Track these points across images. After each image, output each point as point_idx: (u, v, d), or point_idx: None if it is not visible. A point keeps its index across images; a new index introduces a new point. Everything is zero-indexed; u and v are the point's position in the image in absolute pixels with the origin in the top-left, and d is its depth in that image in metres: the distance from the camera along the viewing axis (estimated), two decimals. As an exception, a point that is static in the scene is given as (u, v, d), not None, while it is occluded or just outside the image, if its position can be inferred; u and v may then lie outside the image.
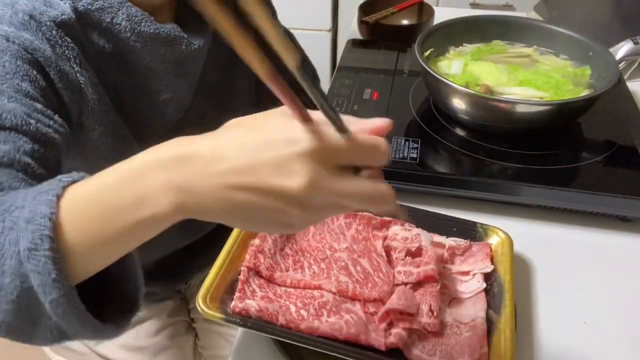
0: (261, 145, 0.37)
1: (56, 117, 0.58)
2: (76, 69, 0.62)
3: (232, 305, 0.55)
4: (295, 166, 0.36)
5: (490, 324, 0.58)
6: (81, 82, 0.62)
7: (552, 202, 0.76)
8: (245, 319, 0.54)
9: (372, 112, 0.87)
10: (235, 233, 0.62)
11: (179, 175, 0.38)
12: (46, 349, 0.97)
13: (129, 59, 0.68)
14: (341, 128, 0.38)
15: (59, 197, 0.40)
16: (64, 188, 0.41)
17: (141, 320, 0.93)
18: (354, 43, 1.11)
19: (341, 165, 0.38)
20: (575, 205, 0.75)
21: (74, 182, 0.42)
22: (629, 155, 0.79)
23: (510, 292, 0.60)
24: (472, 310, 0.60)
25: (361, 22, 1.18)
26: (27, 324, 0.43)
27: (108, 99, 0.67)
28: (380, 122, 0.41)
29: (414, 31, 1.11)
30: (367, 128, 0.40)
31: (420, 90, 0.93)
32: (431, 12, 1.20)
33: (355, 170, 0.40)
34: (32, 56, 0.57)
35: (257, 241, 0.62)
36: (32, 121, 0.54)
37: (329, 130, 0.38)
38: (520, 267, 0.70)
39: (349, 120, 0.40)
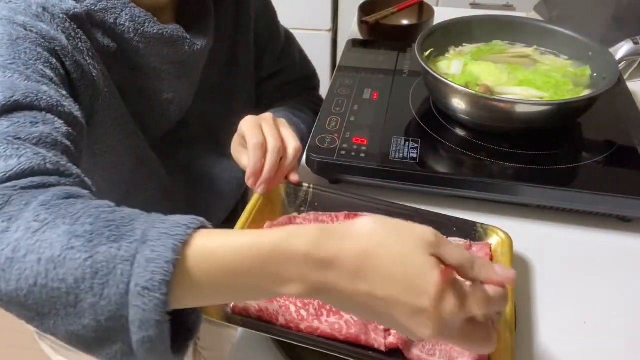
0: (402, 285, 0.39)
1: (71, 100, 0.58)
2: (89, 61, 0.62)
3: (232, 305, 0.55)
4: (424, 320, 0.39)
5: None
6: (94, 74, 0.63)
7: (552, 202, 0.76)
8: (245, 319, 0.54)
9: (372, 112, 0.87)
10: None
11: (318, 277, 0.40)
12: (46, 349, 0.97)
13: (133, 59, 0.68)
14: (473, 278, 0.41)
15: (185, 243, 0.40)
16: (189, 235, 0.40)
17: None
18: (354, 43, 1.11)
19: (465, 313, 0.40)
20: (575, 205, 0.75)
21: (201, 226, 0.42)
22: (629, 155, 0.79)
23: (511, 293, 0.60)
24: None
25: (361, 22, 1.18)
26: (97, 343, 0.42)
27: (118, 94, 0.68)
28: (506, 275, 0.42)
29: (414, 31, 1.11)
30: (494, 280, 0.42)
31: (420, 90, 0.93)
32: (431, 12, 1.20)
33: None
34: (50, 45, 0.58)
35: None
36: (65, 103, 0.54)
37: (461, 282, 0.40)
38: (520, 267, 0.70)
39: (477, 264, 0.42)
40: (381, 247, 0.40)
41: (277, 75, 0.95)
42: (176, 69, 0.73)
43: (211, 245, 0.40)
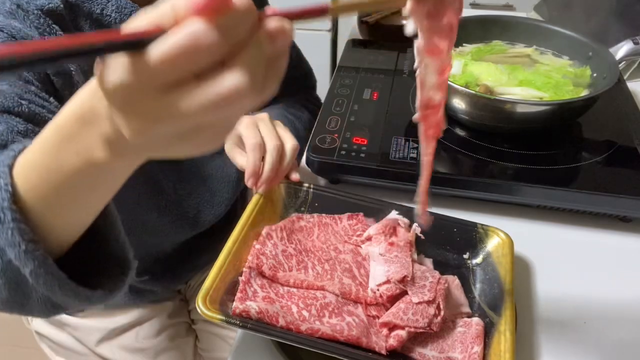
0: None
1: (51, 99, 0.59)
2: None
3: (232, 307, 0.55)
4: (117, 121, 0.32)
5: (490, 325, 0.58)
6: (71, 69, 0.63)
7: (552, 202, 0.76)
8: (245, 321, 0.53)
9: (372, 112, 0.87)
10: (234, 234, 0.62)
11: (90, 135, 0.36)
12: (46, 350, 0.97)
13: None
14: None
15: (10, 167, 0.40)
16: (15, 157, 0.40)
17: (141, 322, 0.93)
18: (354, 43, 1.11)
19: (170, 81, 0.29)
20: (575, 205, 0.75)
21: (24, 149, 0.41)
22: (629, 155, 0.79)
23: (511, 293, 0.60)
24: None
25: (361, 22, 1.18)
26: (20, 296, 0.43)
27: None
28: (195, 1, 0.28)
29: (414, 31, 1.11)
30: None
31: (420, 90, 0.92)
32: (431, 12, 1.20)
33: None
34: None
35: (257, 245, 0.62)
36: (23, 102, 0.54)
37: (119, 60, 0.30)
38: (520, 267, 0.69)
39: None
40: None
41: None
42: None
43: (26, 154, 0.40)
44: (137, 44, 0.28)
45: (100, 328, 0.91)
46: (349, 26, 1.28)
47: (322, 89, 1.01)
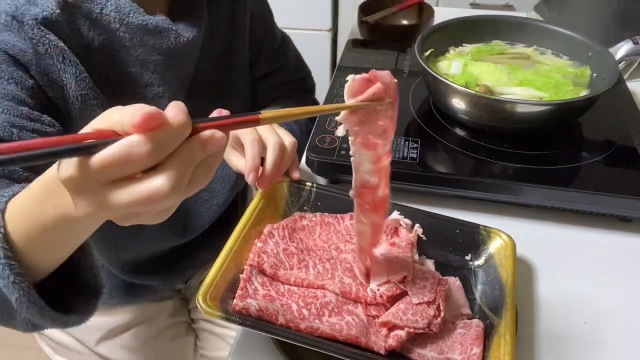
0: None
1: (44, 117, 0.61)
2: (59, 66, 0.63)
3: (232, 304, 0.55)
4: (74, 200, 0.39)
5: (490, 327, 0.58)
6: (64, 79, 0.64)
7: (552, 202, 0.76)
8: (244, 318, 0.54)
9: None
10: (236, 232, 0.62)
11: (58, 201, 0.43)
12: (46, 349, 0.97)
13: (119, 51, 0.69)
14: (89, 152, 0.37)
15: (2, 211, 0.46)
16: (6, 202, 0.47)
17: (142, 321, 0.93)
18: (354, 43, 1.11)
19: (108, 180, 0.37)
20: (575, 205, 0.75)
21: (13, 195, 0.48)
22: (629, 155, 0.79)
23: (512, 295, 0.60)
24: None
25: (361, 22, 1.18)
26: (6, 315, 0.51)
27: (99, 92, 0.68)
28: (132, 119, 0.36)
29: (414, 31, 1.11)
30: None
31: (420, 90, 0.93)
32: (431, 12, 1.20)
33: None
34: (14, 58, 0.60)
35: (259, 243, 0.62)
36: (14, 130, 0.58)
37: (69, 163, 0.37)
38: (519, 267, 0.69)
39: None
40: None
41: (272, 76, 0.95)
42: (164, 61, 0.72)
43: (16, 201, 0.47)
44: (86, 149, 0.36)
45: (100, 328, 0.91)
46: (349, 26, 1.28)
47: (322, 89, 1.01)
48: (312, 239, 0.66)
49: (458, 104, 0.81)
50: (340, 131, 0.51)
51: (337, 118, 0.50)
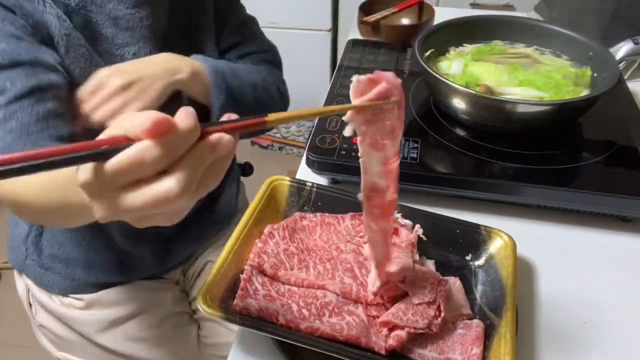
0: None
1: (44, 47, 0.67)
2: (41, 8, 0.68)
3: (233, 304, 0.55)
4: (92, 204, 0.41)
5: (491, 327, 0.58)
6: (47, 19, 0.69)
7: (552, 202, 0.76)
8: (245, 318, 0.54)
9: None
10: (236, 232, 0.62)
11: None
12: (48, 345, 0.96)
13: (92, 10, 0.73)
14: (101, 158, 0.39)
15: None
16: None
17: (143, 311, 0.93)
18: (354, 43, 1.11)
19: (123, 184, 0.39)
20: (575, 205, 0.75)
21: None
22: (629, 155, 0.79)
23: (512, 295, 0.60)
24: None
25: (361, 22, 1.18)
26: None
27: (88, 45, 0.73)
28: (142, 124, 0.38)
29: (414, 31, 1.11)
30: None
31: (420, 90, 0.93)
32: (431, 12, 1.20)
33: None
34: (1, 4, 0.65)
35: (259, 244, 0.62)
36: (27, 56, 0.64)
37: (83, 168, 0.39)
38: (519, 266, 0.69)
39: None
40: None
41: (238, 46, 0.95)
42: (133, 16, 0.76)
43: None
44: (101, 155, 0.38)
45: (101, 320, 0.91)
46: (349, 26, 1.28)
47: (322, 89, 1.01)
48: (313, 239, 0.66)
49: (458, 104, 0.81)
50: (347, 131, 0.51)
51: (344, 118, 0.50)
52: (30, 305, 0.95)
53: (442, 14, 1.10)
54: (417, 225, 0.67)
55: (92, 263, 0.87)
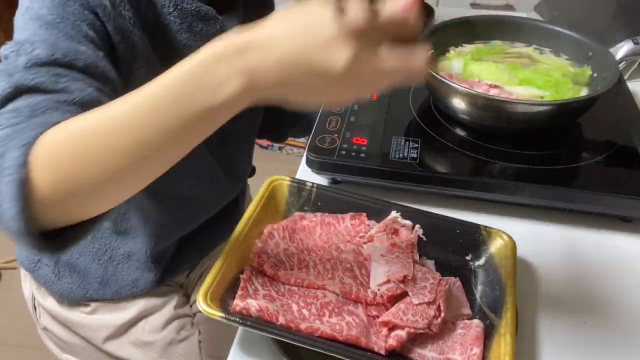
0: (308, 30, 0.42)
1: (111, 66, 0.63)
2: (131, 28, 0.66)
3: (233, 304, 0.55)
4: (337, 48, 0.41)
5: (490, 327, 0.58)
6: (134, 39, 0.67)
7: (552, 202, 0.76)
8: (245, 318, 0.54)
9: (372, 112, 0.87)
10: (236, 232, 0.62)
11: (242, 62, 0.43)
12: (53, 348, 0.96)
13: (167, 33, 0.72)
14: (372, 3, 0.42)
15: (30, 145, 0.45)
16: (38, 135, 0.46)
17: (147, 314, 0.93)
18: (354, 43, 1.11)
19: (378, 40, 0.41)
20: (575, 205, 0.75)
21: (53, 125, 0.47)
22: (629, 155, 0.79)
23: (512, 295, 0.60)
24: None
25: (361, 22, 1.17)
26: None
27: (158, 61, 0.71)
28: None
29: (414, 31, 1.11)
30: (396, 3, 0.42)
31: (420, 90, 0.93)
32: (431, 12, 1.20)
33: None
34: (95, 9, 0.62)
35: (259, 244, 0.62)
36: (100, 64, 0.59)
37: (359, 8, 0.40)
38: (520, 267, 0.69)
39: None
40: (283, 16, 0.44)
41: None
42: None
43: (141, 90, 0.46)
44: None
45: (107, 326, 0.91)
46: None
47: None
48: (313, 239, 0.66)
49: (458, 104, 0.81)
50: None
51: None
52: (35, 307, 0.95)
53: (442, 14, 1.10)
54: (417, 226, 0.67)
55: (108, 279, 0.87)
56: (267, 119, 1.03)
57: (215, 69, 0.43)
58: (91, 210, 0.49)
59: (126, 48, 0.66)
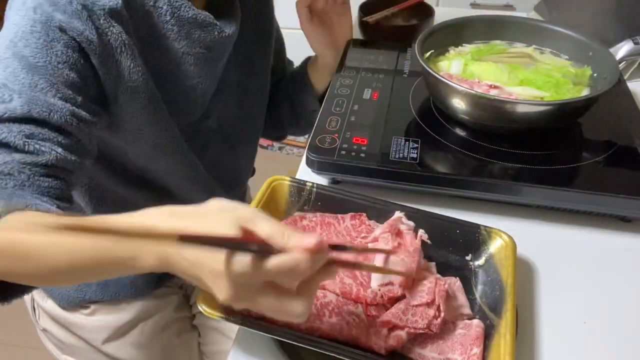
0: (205, 255, 0.44)
1: (92, 106, 0.65)
2: (117, 57, 0.66)
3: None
4: (220, 283, 0.43)
5: (490, 327, 0.58)
6: (121, 68, 0.67)
7: (552, 202, 0.76)
8: (245, 318, 0.54)
9: (372, 112, 0.87)
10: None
11: (160, 250, 0.46)
12: (52, 349, 0.97)
13: (164, 43, 0.72)
14: (283, 247, 0.43)
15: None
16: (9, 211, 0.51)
17: (146, 317, 0.93)
18: (354, 43, 1.11)
19: (258, 287, 0.44)
20: (575, 205, 0.75)
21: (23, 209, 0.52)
22: (629, 155, 0.79)
23: (512, 295, 0.60)
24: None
25: (361, 22, 1.18)
26: None
27: (152, 82, 0.71)
28: (308, 243, 0.42)
29: (414, 31, 1.11)
30: (300, 245, 0.43)
31: (420, 90, 0.93)
32: (431, 12, 1.20)
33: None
34: (79, 45, 0.62)
35: None
36: (74, 120, 0.61)
37: (245, 262, 0.42)
38: (519, 267, 0.69)
39: (287, 233, 0.43)
40: (192, 219, 0.45)
41: (281, 82, 1.03)
42: (204, 54, 0.76)
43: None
44: (265, 252, 0.43)
45: (107, 327, 0.91)
46: (349, 26, 1.28)
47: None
48: (313, 239, 0.66)
49: (458, 104, 0.81)
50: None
51: None
52: (34, 309, 0.95)
53: (442, 14, 1.10)
54: (421, 231, 0.67)
55: (107, 281, 0.87)
56: (267, 119, 1.03)
57: (140, 249, 0.46)
58: (39, 285, 0.54)
59: (112, 78, 0.66)
